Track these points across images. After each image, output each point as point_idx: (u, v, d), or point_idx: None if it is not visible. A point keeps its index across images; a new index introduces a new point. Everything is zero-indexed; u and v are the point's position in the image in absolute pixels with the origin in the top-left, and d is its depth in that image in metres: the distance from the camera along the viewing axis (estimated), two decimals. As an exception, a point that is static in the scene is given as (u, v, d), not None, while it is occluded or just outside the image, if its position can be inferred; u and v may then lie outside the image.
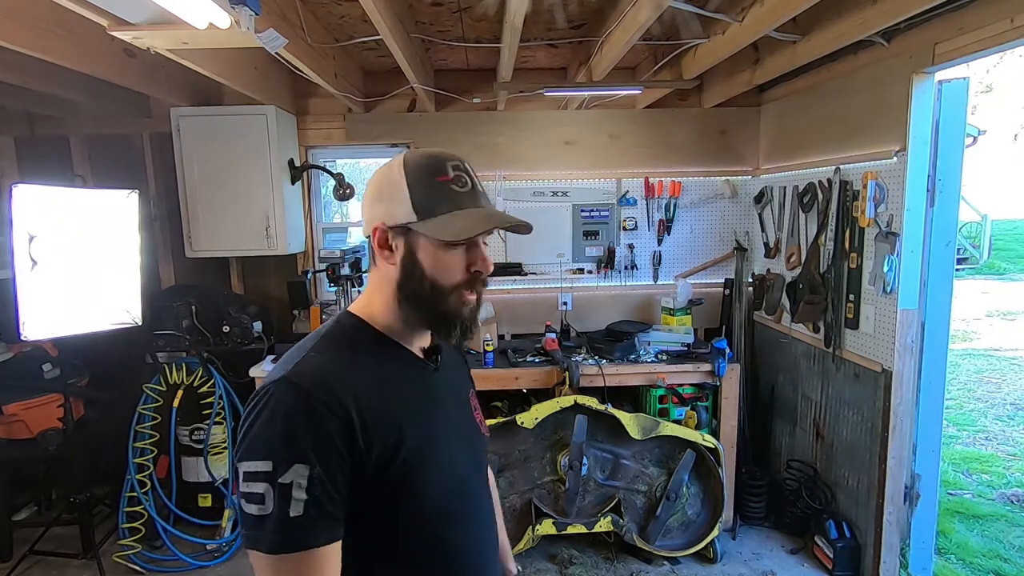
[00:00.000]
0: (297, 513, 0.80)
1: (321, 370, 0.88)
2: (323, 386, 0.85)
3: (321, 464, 0.82)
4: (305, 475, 0.81)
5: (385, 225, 0.92)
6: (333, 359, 0.91)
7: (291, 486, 0.80)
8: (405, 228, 0.91)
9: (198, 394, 3.18)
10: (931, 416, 2.70)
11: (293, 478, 0.80)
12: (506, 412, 3.18)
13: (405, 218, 0.90)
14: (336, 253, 3.21)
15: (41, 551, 3.02)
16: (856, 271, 2.77)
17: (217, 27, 1.67)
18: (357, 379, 0.89)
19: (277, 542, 0.81)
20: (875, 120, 2.64)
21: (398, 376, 0.96)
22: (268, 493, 0.80)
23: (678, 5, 2.23)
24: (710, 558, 3.01)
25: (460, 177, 0.92)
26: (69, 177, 3.57)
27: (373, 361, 0.94)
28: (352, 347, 0.94)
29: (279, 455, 0.81)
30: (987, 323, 8.19)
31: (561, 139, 3.73)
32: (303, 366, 0.88)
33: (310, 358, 0.90)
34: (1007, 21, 1.98)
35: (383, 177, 0.94)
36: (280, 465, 0.81)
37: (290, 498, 0.80)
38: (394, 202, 0.91)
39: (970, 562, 3.01)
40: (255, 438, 0.84)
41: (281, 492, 0.80)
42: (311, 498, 0.81)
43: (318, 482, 0.81)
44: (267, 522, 0.81)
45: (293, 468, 0.81)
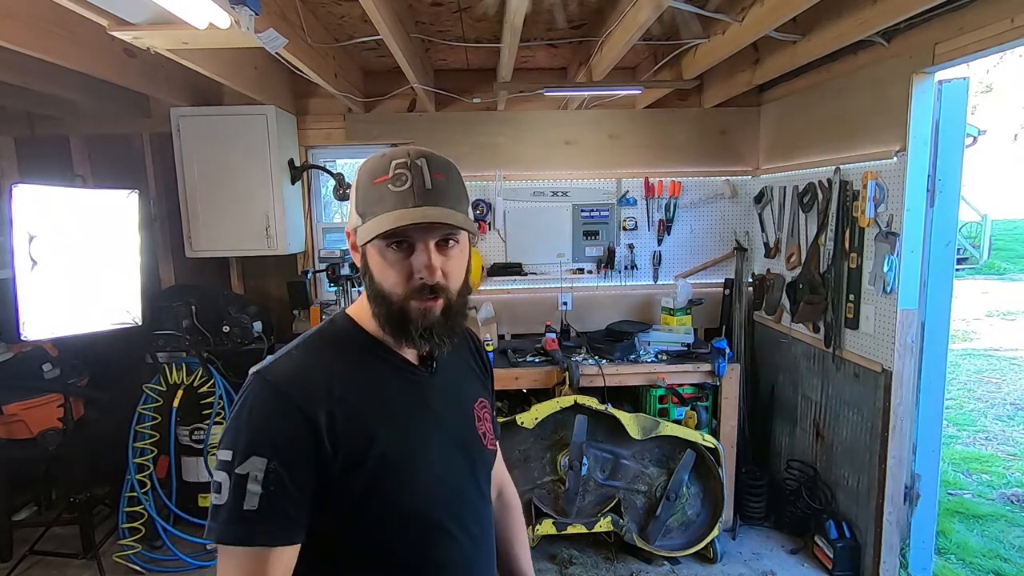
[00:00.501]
0: (251, 507, 0.79)
1: (295, 368, 0.89)
2: (293, 383, 0.86)
3: (279, 460, 0.81)
4: (262, 468, 0.80)
5: (351, 229, 0.94)
6: (312, 358, 0.92)
7: (247, 478, 0.80)
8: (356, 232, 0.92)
9: (198, 394, 3.18)
10: (931, 416, 2.70)
11: (249, 470, 0.80)
12: (506, 412, 3.18)
13: (355, 222, 0.91)
14: (336, 253, 3.21)
15: (41, 551, 3.02)
16: (856, 271, 2.77)
17: (217, 27, 1.68)
18: (333, 380, 0.89)
19: (226, 532, 0.80)
20: (875, 120, 2.64)
21: (380, 380, 0.95)
22: (224, 483, 0.80)
23: (678, 5, 2.23)
24: (710, 558, 3.01)
25: (400, 176, 0.85)
26: (69, 177, 3.57)
27: (355, 363, 0.94)
28: (337, 348, 0.95)
29: (238, 446, 0.81)
30: (987, 323, 8.19)
31: (561, 139, 3.73)
32: (280, 363, 0.90)
33: (290, 356, 0.91)
34: (1007, 21, 1.98)
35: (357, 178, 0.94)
36: (238, 455, 0.81)
37: (244, 490, 0.79)
38: (353, 206, 0.93)
39: (970, 562, 3.01)
40: (226, 428, 0.86)
41: (236, 483, 0.80)
42: (265, 492, 0.80)
43: (274, 478, 0.80)
44: (221, 512, 0.80)
45: (250, 460, 0.80)
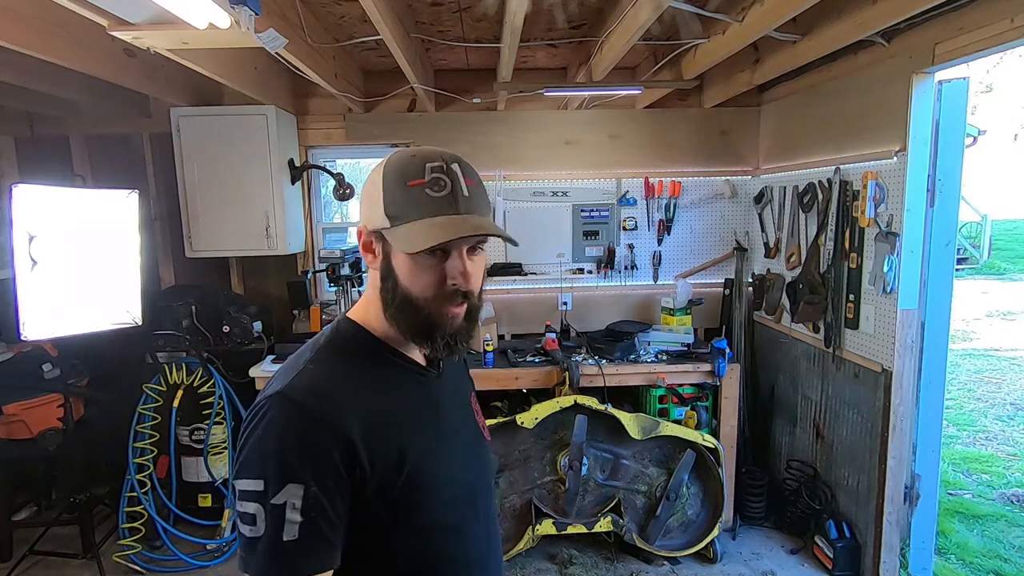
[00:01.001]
0: (291, 537, 0.76)
1: (318, 384, 0.84)
2: (320, 401, 0.81)
3: (317, 484, 0.77)
4: (299, 495, 0.76)
5: (367, 228, 0.90)
6: (331, 371, 0.87)
7: (284, 507, 0.76)
8: (380, 234, 0.88)
9: (198, 394, 3.18)
10: (931, 416, 2.70)
11: (286, 499, 0.76)
12: (506, 412, 3.18)
13: (380, 224, 0.86)
14: (336, 253, 3.21)
15: (41, 551, 3.02)
16: (856, 271, 2.77)
17: (217, 27, 1.67)
18: (357, 392, 0.86)
19: (267, 568, 0.76)
20: (875, 120, 2.64)
21: (398, 386, 0.92)
22: (259, 514, 0.76)
23: (678, 5, 2.23)
24: (710, 558, 3.01)
25: (438, 180, 0.83)
26: (69, 177, 3.57)
27: (373, 372, 0.90)
28: (351, 357, 0.90)
29: (271, 474, 0.77)
30: (987, 323, 8.18)
31: (561, 139, 3.73)
32: (300, 379, 0.84)
33: (308, 370, 0.85)
34: (1007, 21, 1.98)
35: (369, 178, 0.90)
36: (272, 485, 0.76)
37: (283, 520, 0.76)
38: (373, 206, 0.87)
39: (970, 562, 3.01)
40: (248, 456, 0.79)
41: (273, 513, 0.76)
42: (306, 519, 0.76)
43: (313, 503, 0.77)
44: (258, 545, 0.76)
45: (286, 488, 0.76)
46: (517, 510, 2.99)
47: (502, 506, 2.97)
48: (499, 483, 2.95)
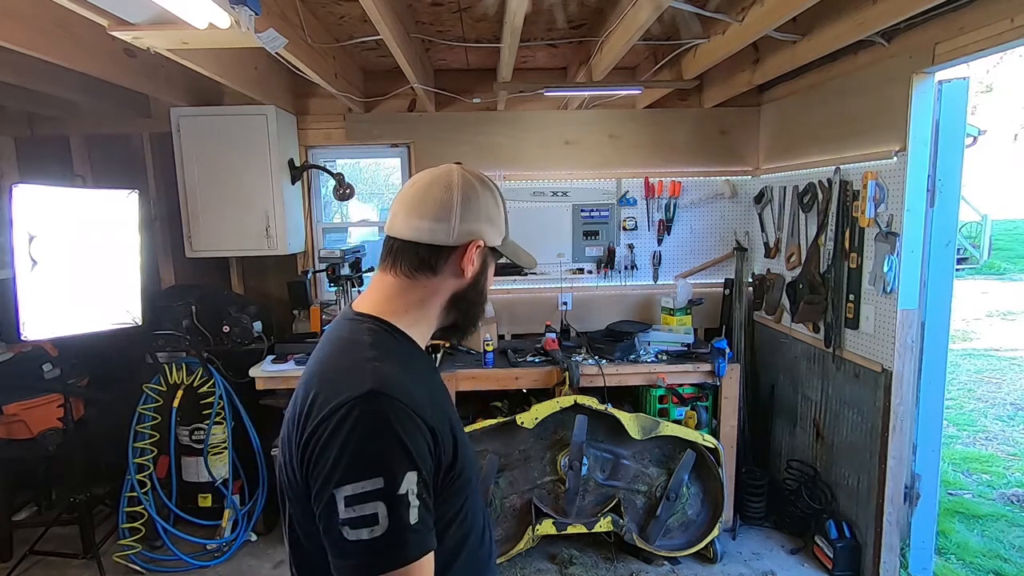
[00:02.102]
0: (415, 520, 0.79)
1: (398, 378, 0.86)
2: (406, 393, 0.84)
3: (425, 470, 0.82)
4: (415, 482, 0.80)
5: (485, 244, 0.98)
6: (397, 366, 0.88)
7: (407, 495, 0.78)
8: (492, 249, 1.01)
9: (198, 394, 3.18)
10: (931, 416, 2.70)
11: (407, 487, 0.79)
12: (506, 412, 3.18)
13: (498, 240, 1.00)
14: (336, 253, 3.21)
15: (41, 551, 3.02)
16: (856, 271, 2.77)
17: (217, 27, 1.67)
18: (418, 383, 0.90)
19: (406, 555, 0.78)
20: (875, 120, 2.64)
21: (431, 377, 0.99)
22: (381, 511, 0.77)
23: (678, 5, 2.23)
24: (710, 558, 3.01)
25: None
26: (69, 177, 3.57)
27: (415, 363, 0.96)
28: (399, 354, 0.93)
29: (391, 468, 0.79)
30: (987, 323, 8.19)
31: (561, 139, 3.73)
32: (380, 377, 0.84)
33: (378, 368, 0.86)
34: (1007, 21, 1.98)
35: (485, 195, 0.97)
36: (394, 478, 0.78)
37: (408, 507, 0.78)
38: (493, 223, 0.98)
39: (970, 562, 3.01)
40: (356, 458, 0.78)
41: (399, 504, 0.78)
42: (422, 503, 0.80)
43: (424, 487, 0.81)
44: (387, 539, 0.77)
45: (406, 477, 0.79)
46: (517, 510, 2.99)
47: (502, 506, 2.97)
48: (499, 483, 2.96)
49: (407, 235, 0.94)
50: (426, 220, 0.93)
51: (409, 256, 0.95)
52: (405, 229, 0.94)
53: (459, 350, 3.45)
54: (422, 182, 0.96)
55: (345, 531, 0.77)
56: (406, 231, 0.94)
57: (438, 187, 0.94)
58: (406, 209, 0.95)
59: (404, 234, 0.94)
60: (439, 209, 0.93)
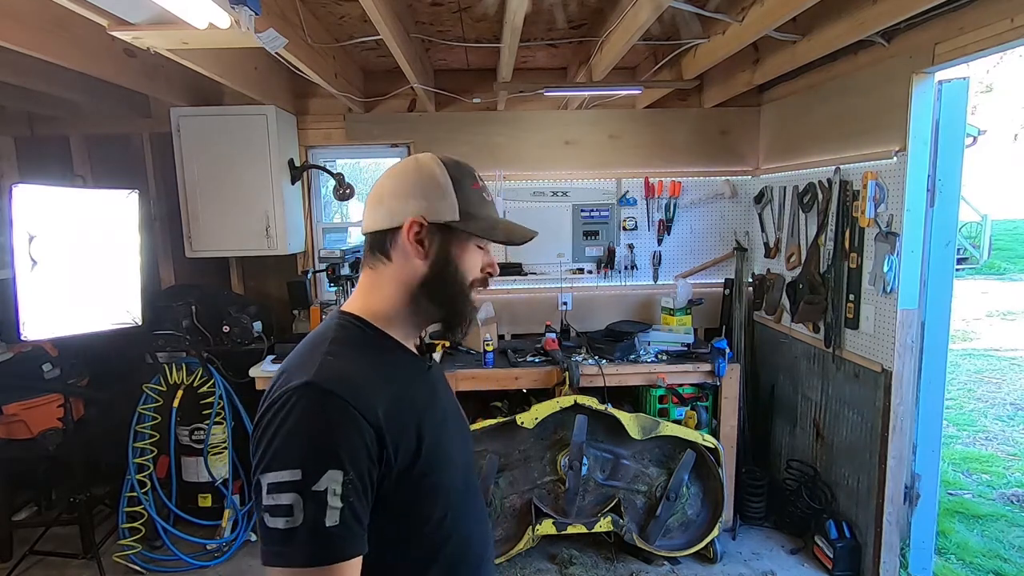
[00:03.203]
0: (333, 523, 0.77)
1: (343, 373, 0.85)
2: (348, 389, 0.83)
3: (354, 470, 0.79)
4: (339, 481, 0.77)
5: (425, 220, 0.92)
6: (350, 362, 0.88)
7: (325, 493, 0.77)
8: (445, 226, 0.93)
9: (198, 394, 3.18)
10: (931, 416, 2.70)
11: (327, 485, 0.77)
12: (506, 412, 3.18)
13: (449, 216, 0.92)
14: (336, 253, 3.21)
15: (41, 551, 3.02)
16: (856, 271, 2.77)
17: (217, 27, 1.67)
18: (376, 380, 0.88)
19: (312, 555, 0.76)
20: (875, 120, 2.64)
21: (406, 375, 0.96)
22: (297, 504, 0.76)
23: (678, 5, 2.23)
24: (710, 558, 3.01)
25: (485, 187, 1.00)
26: (69, 177, 3.57)
27: (384, 361, 0.94)
28: (361, 349, 0.93)
29: (310, 462, 0.78)
30: (987, 323, 8.19)
31: (561, 139, 3.73)
32: (324, 370, 0.84)
33: (329, 361, 0.86)
34: (1007, 21, 1.98)
35: (417, 173, 0.94)
36: (312, 473, 0.77)
37: (325, 506, 0.76)
38: (436, 199, 0.92)
39: (970, 562, 3.01)
40: (280, 447, 0.79)
41: (315, 501, 0.76)
42: (346, 505, 0.78)
43: (352, 488, 0.78)
44: (298, 535, 0.76)
45: (327, 474, 0.77)
46: (517, 510, 2.99)
47: (502, 506, 2.97)
48: (499, 483, 2.96)
49: (366, 228, 0.98)
50: (373, 207, 0.97)
51: (368, 247, 0.98)
52: (366, 223, 0.98)
53: (459, 350, 3.45)
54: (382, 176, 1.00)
55: (266, 517, 0.78)
56: (366, 225, 0.98)
57: (386, 176, 0.98)
58: (368, 204, 0.99)
59: (365, 228, 0.98)
60: (378, 194, 0.96)
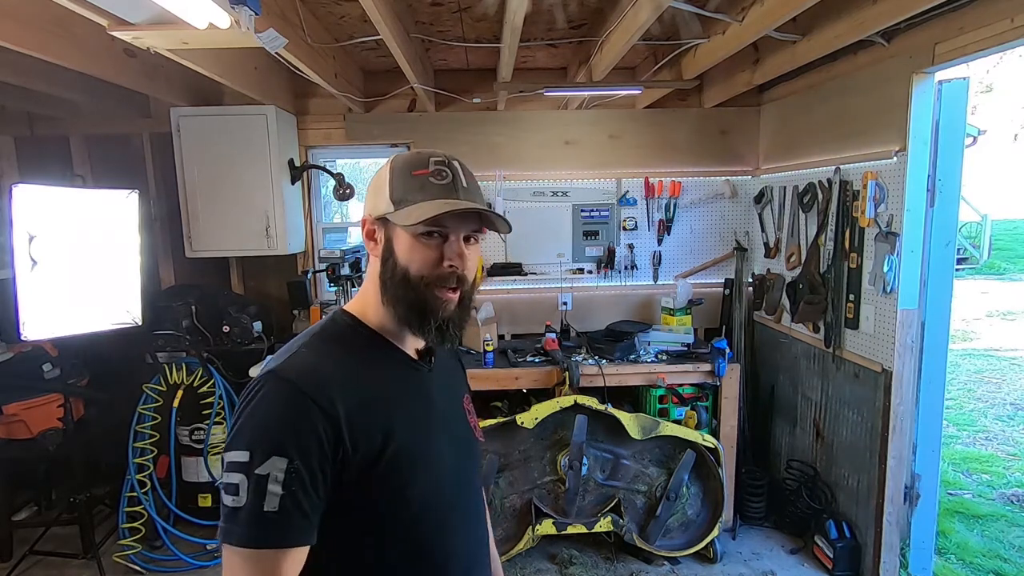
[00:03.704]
0: (271, 508, 0.78)
1: (309, 366, 0.88)
2: (310, 381, 0.85)
3: (301, 459, 0.80)
4: (282, 468, 0.79)
5: (371, 216, 0.95)
6: (322, 356, 0.90)
7: (267, 478, 0.78)
8: (384, 219, 0.93)
9: (198, 394, 3.18)
10: (931, 416, 2.70)
11: (270, 470, 0.78)
12: (506, 412, 3.18)
13: (384, 209, 0.93)
14: (336, 253, 3.21)
15: (41, 551, 3.02)
16: (856, 271, 2.77)
17: (217, 27, 1.67)
18: (346, 377, 0.89)
19: (249, 536, 0.79)
20: (875, 120, 2.64)
21: (388, 376, 0.96)
22: (243, 484, 0.79)
23: (678, 5, 2.23)
24: (710, 558, 3.01)
25: (440, 171, 0.92)
26: (69, 177, 3.57)
27: (364, 360, 0.94)
28: (343, 345, 0.94)
29: (257, 446, 0.80)
30: (987, 323, 8.19)
31: (561, 139, 3.73)
32: (292, 361, 0.88)
33: (300, 354, 0.90)
34: (1007, 21, 1.98)
35: (376, 174, 0.97)
36: (257, 456, 0.79)
37: (265, 491, 0.78)
38: (378, 195, 0.94)
39: (970, 562, 3.01)
40: (238, 429, 0.83)
41: (256, 484, 0.78)
42: (287, 493, 0.79)
43: (296, 478, 0.79)
44: (240, 514, 0.79)
45: (271, 460, 0.79)
46: (517, 510, 2.99)
47: (502, 506, 2.97)
48: (499, 483, 2.96)
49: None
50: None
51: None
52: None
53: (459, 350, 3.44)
54: None
55: (222, 494, 0.82)
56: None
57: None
58: None
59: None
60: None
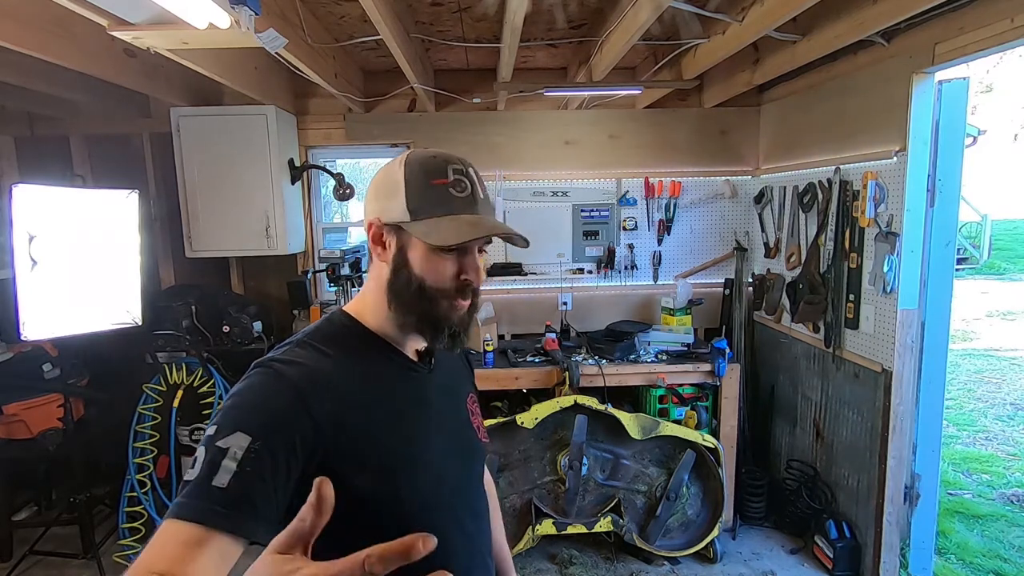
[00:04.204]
0: (220, 484, 0.72)
1: (300, 360, 0.86)
2: (297, 374, 0.83)
3: (265, 444, 0.75)
4: (243, 446, 0.74)
5: (380, 221, 0.92)
6: (314, 353, 0.89)
7: (225, 452, 0.73)
8: (398, 227, 0.90)
9: (198, 394, 3.18)
10: (931, 416, 2.70)
11: (229, 445, 0.74)
12: (506, 412, 3.18)
13: (399, 217, 0.89)
14: (336, 253, 3.21)
15: (41, 551, 3.02)
16: (856, 271, 2.77)
17: (217, 27, 1.67)
18: (337, 376, 0.87)
19: (185, 507, 0.71)
20: (875, 120, 2.64)
21: (383, 376, 0.94)
22: (200, 455, 0.74)
23: (678, 5, 2.23)
24: (710, 558, 3.01)
25: (459, 182, 0.90)
26: (69, 177, 3.57)
27: (357, 360, 0.92)
28: (337, 344, 0.92)
29: (226, 420, 0.77)
30: (987, 323, 8.19)
31: (561, 139, 3.73)
32: (283, 355, 0.87)
33: (293, 350, 0.89)
34: (1007, 21, 1.98)
35: (385, 173, 0.93)
36: (223, 430, 0.76)
37: (219, 465, 0.73)
38: (390, 199, 0.90)
39: (970, 562, 3.01)
40: (218, 410, 0.81)
41: (212, 456, 0.73)
42: (240, 471, 0.73)
43: (254, 459, 0.74)
44: (188, 486, 0.73)
45: (234, 435, 0.75)
46: (517, 510, 2.99)
47: (502, 506, 2.96)
48: (499, 483, 2.95)
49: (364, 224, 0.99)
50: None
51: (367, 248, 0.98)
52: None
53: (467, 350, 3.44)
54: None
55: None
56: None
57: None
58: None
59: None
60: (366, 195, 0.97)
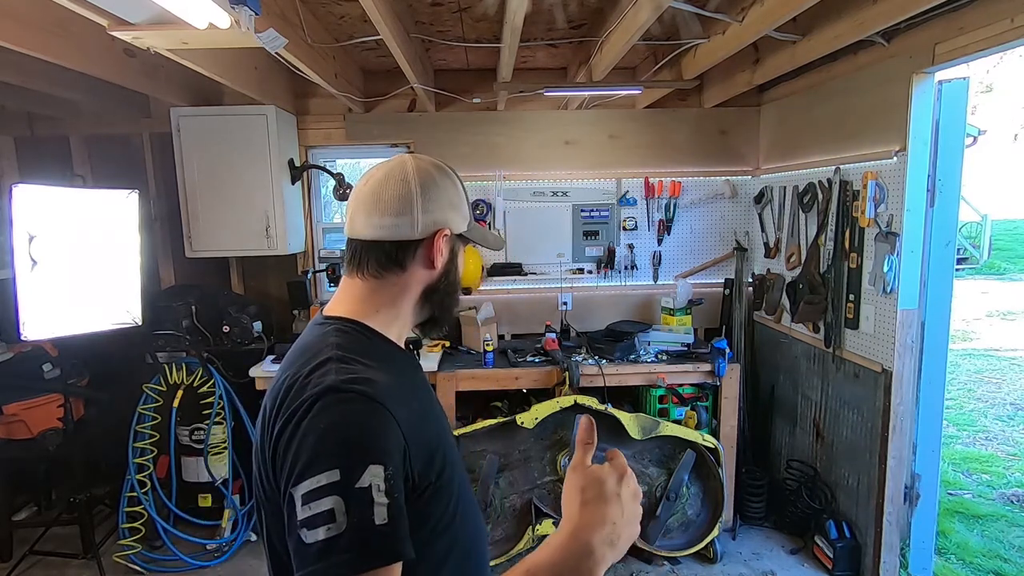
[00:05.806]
0: (383, 520, 0.69)
1: (363, 375, 0.81)
2: (374, 390, 0.79)
3: (394, 468, 0.74)
4: (381, 476, 0.71)
5: (451, 232, 0.95)
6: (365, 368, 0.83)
7: (370, 490, 0.70)
8: (459, 235, 0.98)
9: (198, 394, 3.18)
10: (931, 416, 2.70)
11: (370, 480, 0.70)
12: (506, 412, 3.18)
13: (463, 227, 0.98)
14: (336, 253, 3.22)
15: (41, 551, 3.02)
16: (856, 271, 2.77)
17: (217, 27, 1.67)
18: (391, 384, 0.83)
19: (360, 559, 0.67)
20: (875, 120, 2.64)
21: (408, 372, 0.94)
22: (339, 507, 0.69)
23: (678, 5, 2.23)
24: (710, 558, 3.01)
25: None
26: (69, 177, 3.57)
27: (389, 362, 0.90)
28: (369, 354, 0.88)
29: (348, 460, 0.71)
30: (987, 323, 8.19)
31: (561, 139, 3.73)
32: (344, 374, 0.80)
33: (344, 367, 0.81)
34: (1007, 21, 1.98)
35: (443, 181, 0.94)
36: (352, 470, 0.70)
37: (372, 503, 0.69)
38: (459, 210, 0.97)
39: (970, 562, 3.01)
40: (312, 453, 0.72)
41: (359, 499, 0.69)
42: (393, 501, 0.71)
43: (395, 484, 0.72)
44: (341, 542, 0.68)
45: (368, 470, 0.70)
46: (517, 510, 2.99)
47: (502, 506, 2.97)
48: (499, 483, 2.95)
49: (370, 235, 0.91)
50: (388, 217, 0.90)
51: (375, 256, 0.92)
52: (367, 229, 0.91)
53: (459, 350, 3.45)
54: (376, 178, 0.93)
55: (303, 533, 0.69)
56: (368, 231, 0.91)
57: (394, 181, 0.91)
58: (365, 208, 0.92)
59: (367, 234, 0.92)
60: (399, 203, 0.90)
